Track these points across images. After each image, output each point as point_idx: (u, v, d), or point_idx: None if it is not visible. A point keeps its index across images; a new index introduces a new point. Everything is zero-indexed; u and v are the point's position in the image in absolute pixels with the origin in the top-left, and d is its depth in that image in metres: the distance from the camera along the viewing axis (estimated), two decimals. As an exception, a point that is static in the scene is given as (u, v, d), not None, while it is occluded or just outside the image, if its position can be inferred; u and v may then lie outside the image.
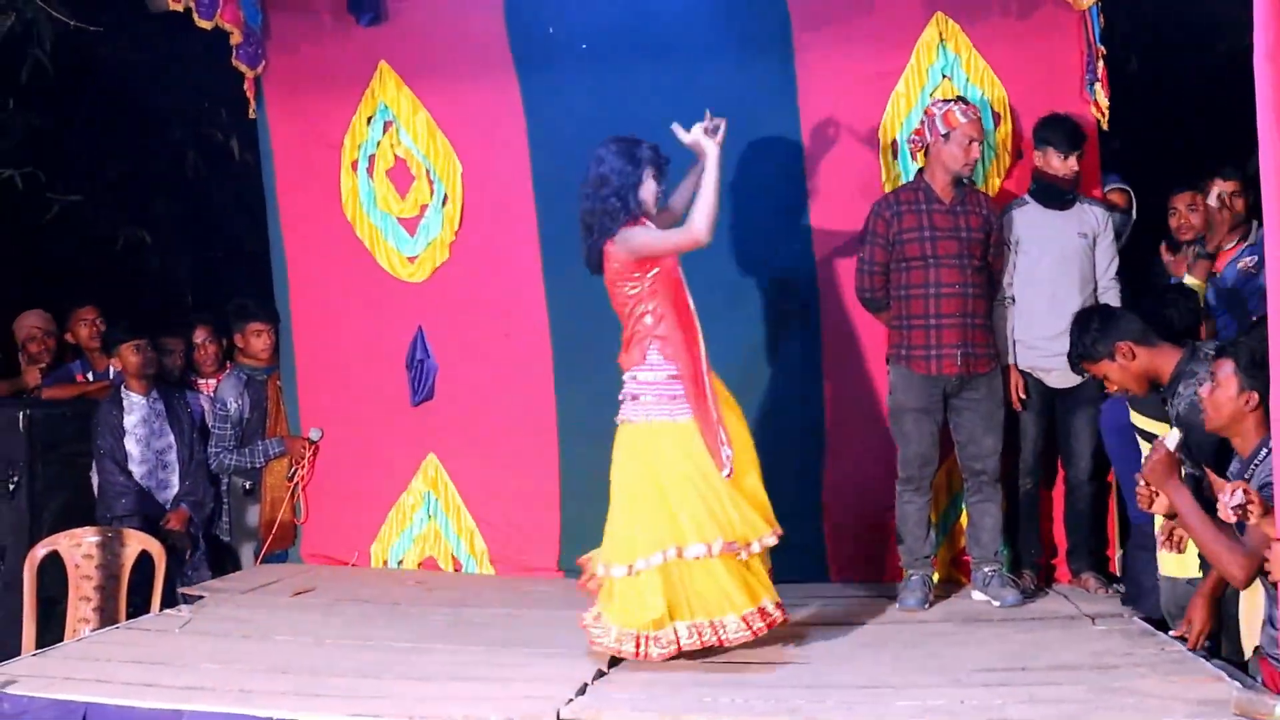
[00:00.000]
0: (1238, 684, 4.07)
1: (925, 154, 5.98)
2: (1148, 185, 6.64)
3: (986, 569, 5.84)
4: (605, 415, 6.58)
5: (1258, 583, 4.16)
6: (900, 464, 5.87)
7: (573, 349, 6.71)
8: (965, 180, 5.94)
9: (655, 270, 4.97)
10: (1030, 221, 6.00)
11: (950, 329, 5.80)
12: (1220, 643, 4.81)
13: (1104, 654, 4.80)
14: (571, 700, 4.27)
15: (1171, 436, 4.40)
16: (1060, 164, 5.95)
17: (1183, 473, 4.43)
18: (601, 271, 5.10)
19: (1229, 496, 3.92)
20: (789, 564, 5.94)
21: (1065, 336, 5.47)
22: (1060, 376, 5.91)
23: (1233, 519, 3.95)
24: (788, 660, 4.84)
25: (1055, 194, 5.99)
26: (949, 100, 5.92)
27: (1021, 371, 6.01)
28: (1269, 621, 4.07)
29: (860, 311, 6.20)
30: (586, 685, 4.48)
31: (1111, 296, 5.92)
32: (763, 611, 4.86)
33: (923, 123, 5.96)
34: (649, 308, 4.97)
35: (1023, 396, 6.00)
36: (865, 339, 6.37)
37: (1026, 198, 6.11)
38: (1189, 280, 5.90)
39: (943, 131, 5.82)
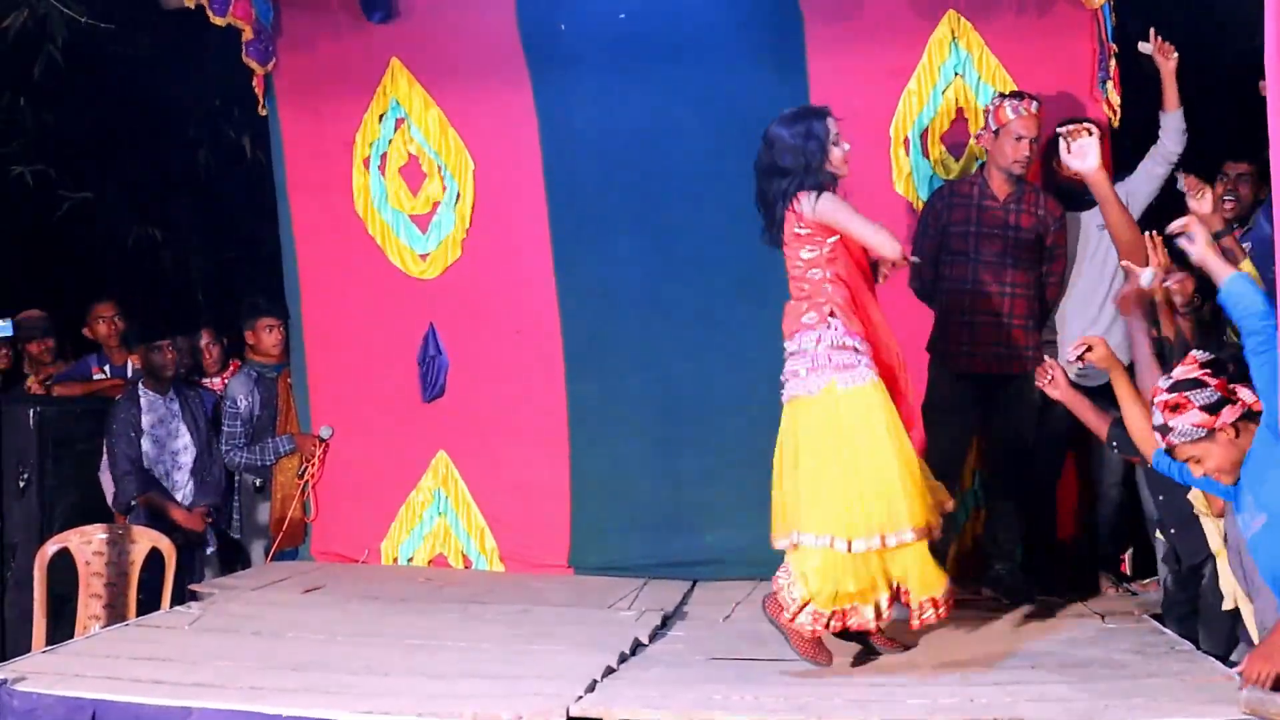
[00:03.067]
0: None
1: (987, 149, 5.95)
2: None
3: (999, 566, 5.82)
4: (616, 412, 6.66)
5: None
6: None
7: (584, 346, 6.72)
8: (1023, 179, 5.89)
9: (835, 238, 4.76)
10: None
11: (986, 328, 5.78)
12: (1198, 638, 4.91)
13: (1115, 652, 4.80)
14: (581, 697, 4.25)
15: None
16: (1068, 171, 5.89)
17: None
18: (781, 239, 4.89)
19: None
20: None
21: (1094, 328, 5.57)
22: (1090, 376, 5.89)
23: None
24: (799, 657, 4.82)
25: (1073, 196, 5.97)
26: (1004, 96, 5.89)
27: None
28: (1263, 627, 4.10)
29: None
30: (596, 682, 4.46)
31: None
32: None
33: (985, 115, 5.95)
34: (827, 274, 4.76)
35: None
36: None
37: None
38: (1245, 267, 5.80)
39: (993, 128, 5.81)
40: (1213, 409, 3.84)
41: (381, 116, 7.03)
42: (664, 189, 6.65)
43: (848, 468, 4.63)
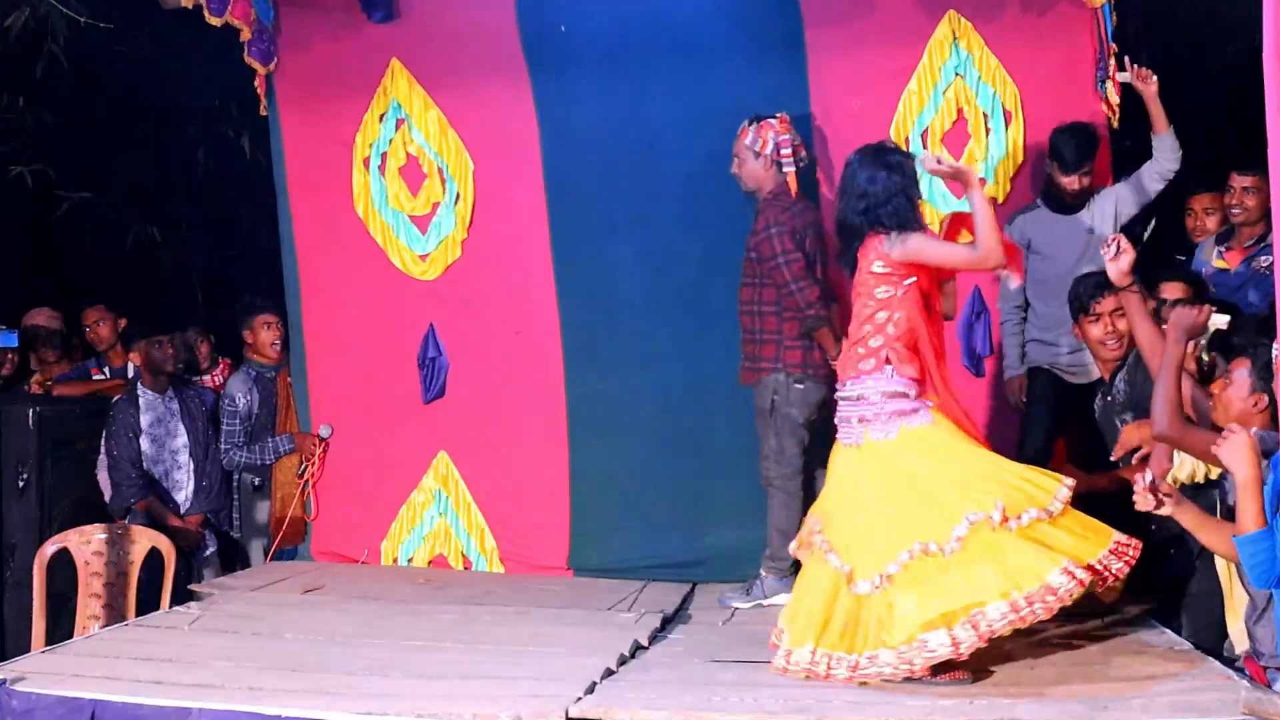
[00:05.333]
0: (1246, 684, 4.05)
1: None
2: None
3: (761, 571, 5.93)
4: (615, 413, 6.66)
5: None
6: None
7: (584, 347, 6.72)
8: (763, 198, 6.05)
9: (913, 279, 4.76)
10: (1041, 225, 6.03)
11: (748, 344, 6.05)
12: (1182, 627, 4.96)
13: (1113, 651, 4.80)
14: (580, 699, 4.25)
15: (1219, 319, 4.48)
16: (1065, 180, 5.99)
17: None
18: (854, 268, 4.88)
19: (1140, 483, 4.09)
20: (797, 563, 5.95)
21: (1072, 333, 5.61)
22: (1078, 372, 5.96)
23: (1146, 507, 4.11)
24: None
25: (1064, 203, 6.05)
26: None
27: (1036, 369, 6.03)
28: (1247, 621, 4.10)
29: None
30: (595, 684, 4.46)
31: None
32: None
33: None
34: (894, 316, 4.75)
35: (1024, 399, 6.08)
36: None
37: (1038, 201, 6.15)
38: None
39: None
40: None
41: (382, 117, 7.03)
42: (664, 189, 6.65)
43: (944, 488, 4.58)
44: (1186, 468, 4.70)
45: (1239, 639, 4.46)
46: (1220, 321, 4.56)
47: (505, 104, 6.79)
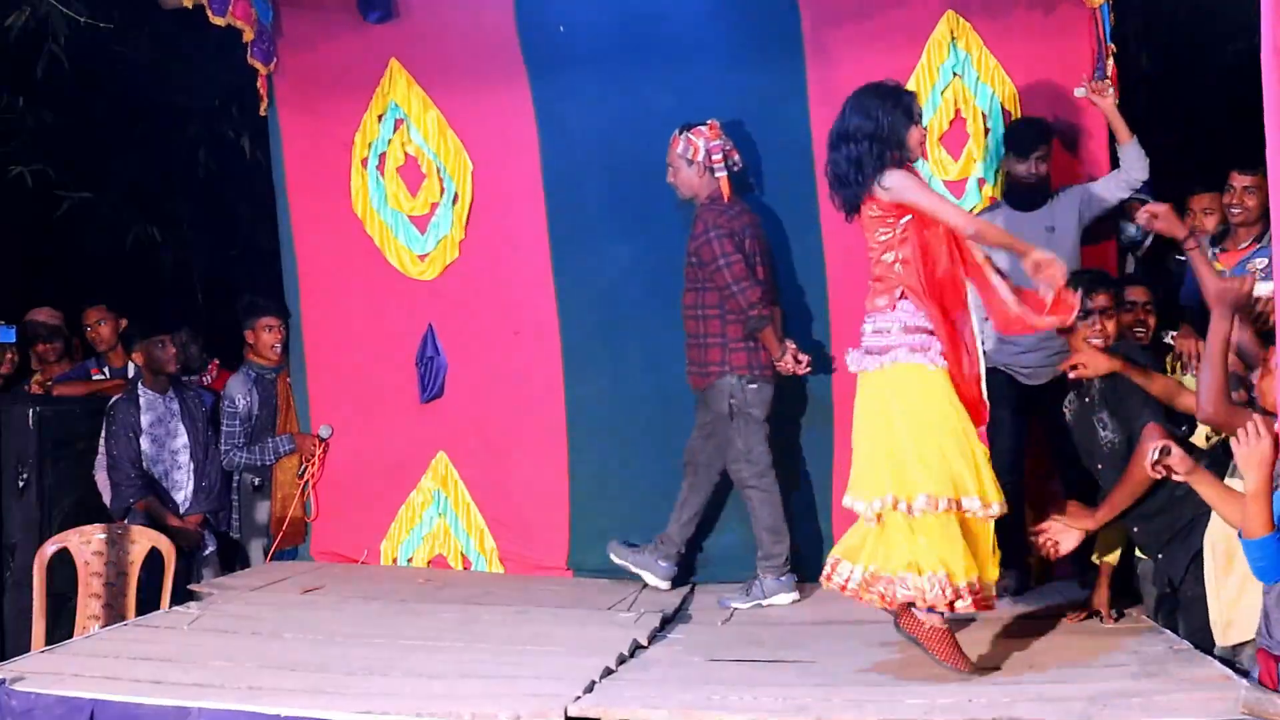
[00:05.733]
0: (1245, 683, 4.06)
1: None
2: (1161, 184, 6.61)
3: (759, 571, 6.02)
4: (615, 413, 6.66)
5: (1236, 570, 4.31)
6: None
7: (583, 347, 6.72)
8: (699, 203, 6.16)
9: (908, 218, 4.71)
10: (1002, 224, 6.01)
11: (693, 348, 6.15)
12: (1179, 625, 4.97)
13: (1112, 652, 4.81)
14: (579, 698, 4.26)
15: (1264, 285, 4.45)
16: (1020, 167, 6.00)
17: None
18: (854, 213, 4.87)
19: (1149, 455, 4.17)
20: (797, 561, 5.97)
21: (1048, 345, 5.70)
22: (1034, 374, 5.98)
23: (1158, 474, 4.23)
24: (797, 659, 4.83)
25: (1024, 197, 6.06)
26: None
27: (993, 369, 6.04)
28: (1265, 614, 4.09)
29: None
30: (595, 683, 4.47)
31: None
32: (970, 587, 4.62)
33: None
34: (900, 255, 4.71)
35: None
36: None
37: (1000, 202, 6.19)
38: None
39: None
40: None
41: (380, 117, 7.03)
42: (663, 190, 6.61)
43: (937, 431, 4.62)
44: (1202, 429, 4.70)
45: (1223, 633, 4.48)
46: (1266, 289, 4.50)
47: (504, 104, 6.79)
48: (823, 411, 6.43)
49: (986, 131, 6.38)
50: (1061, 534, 5.10)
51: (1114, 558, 5.40)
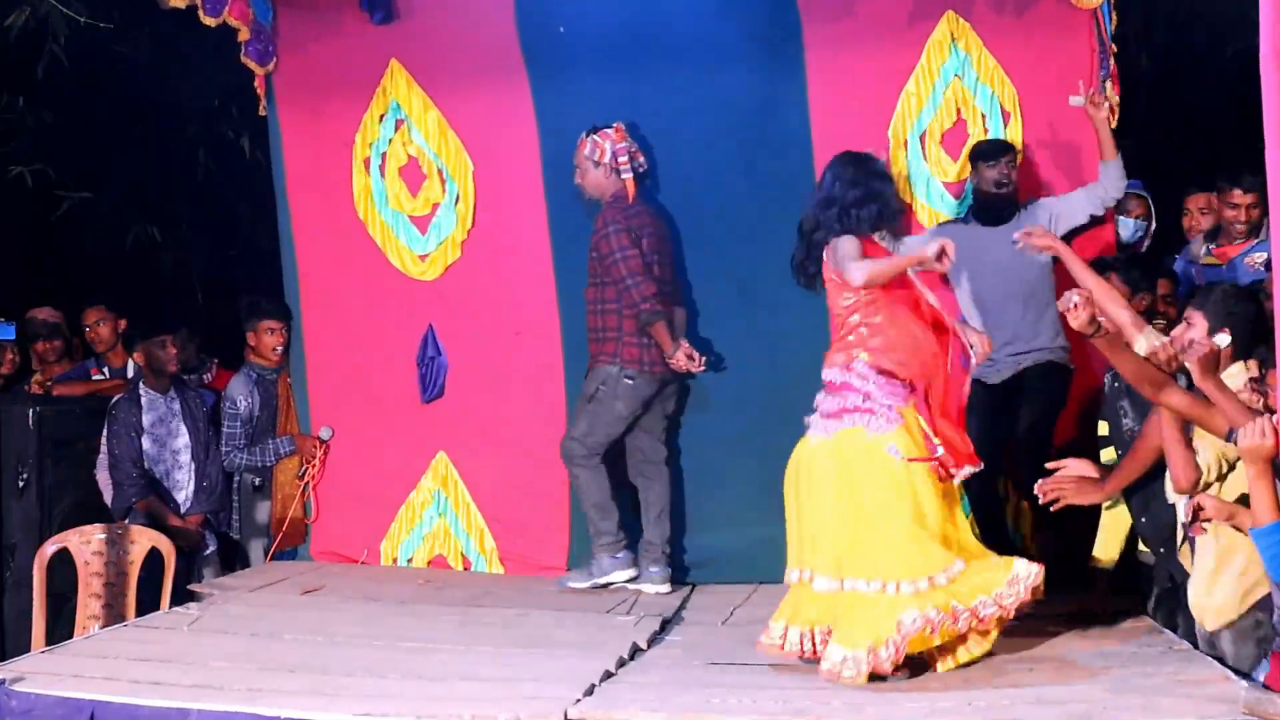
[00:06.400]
0: (1245, 683, 4.06)
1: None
2: (1161, 184, 6.62)
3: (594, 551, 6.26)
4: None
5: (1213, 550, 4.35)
6: None
7: (583, 347, 6.66)
8: (603, 202, 6.33)
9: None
10: (968, 240, 5.98)
11: (594, 342, 6.36)
12: (1175, 625, 4.99)
13: (1112, 653, 4.80)
14: (579, 700, 4.26)
15: (1222, 338, 4.45)
16: (991, 173, 6.04)
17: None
18: (815, 279, 5.00)
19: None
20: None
21: (1010, 345, 5.84)
22: (1002, 371, 6.04)
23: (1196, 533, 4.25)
24: (797, 661, 4.83)
25: (993, 210, 6.09)
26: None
27: None
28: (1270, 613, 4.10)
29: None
30: (594, 686, 4.46)
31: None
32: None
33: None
34: (865, 319, 4.80)
35: None
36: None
37: (969, 217, 6.22)
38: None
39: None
40: None
41: (381, 117, 7.03)
42: (664, 187, 6.66)
43: (889, 510, 4.65)
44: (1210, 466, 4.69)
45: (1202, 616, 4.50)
46: (1225, 340, 4.50)
47: (505, 105, 6.79)
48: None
49: (986, 132, 6.37)
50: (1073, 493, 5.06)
51: (1113, 557, 5.40)
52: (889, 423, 4.69)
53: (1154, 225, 6.50)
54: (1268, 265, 5.47)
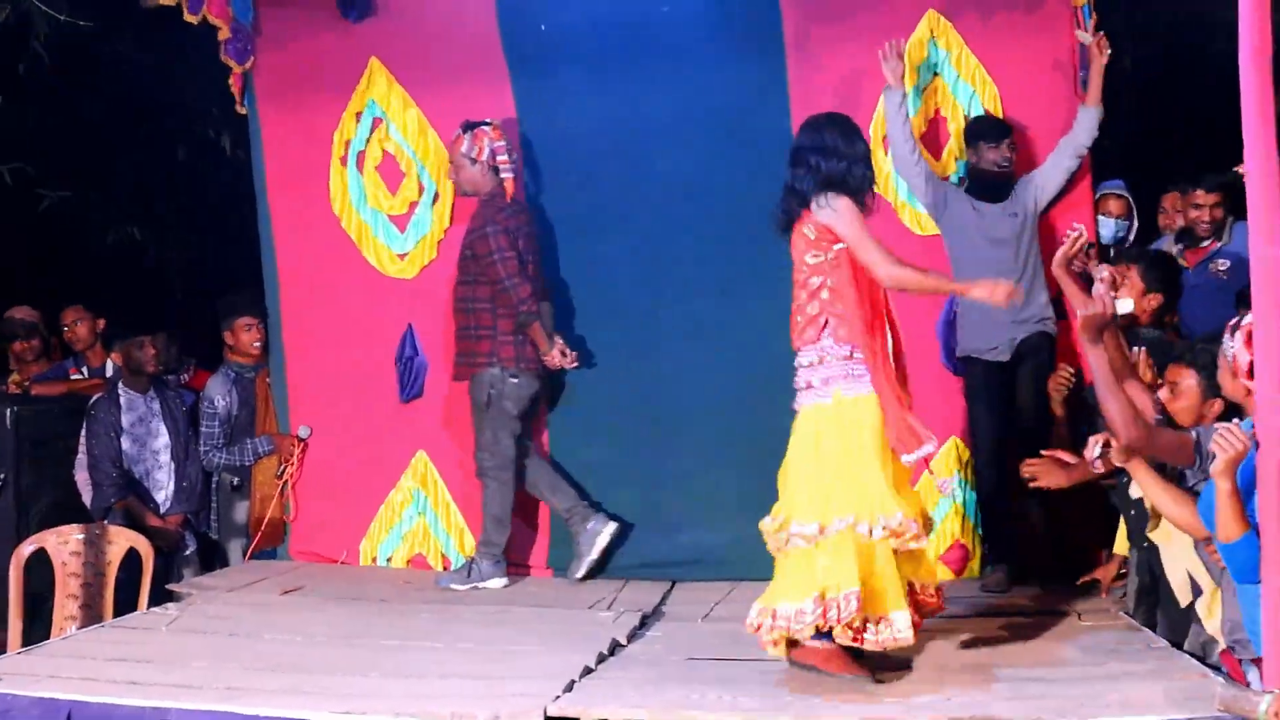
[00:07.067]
0: (1221, 680, 4.08)
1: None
2: (1144, 182, 6.65)
3: (477, 555, 6.40)
4: (595, 413, 6.66)
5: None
6: None
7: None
8: (484, 200, 6.41)
9: (841, 245, 4.70)
10: (965, 213, 6.14)
11: (464, 340, 6.45)
12: (1155, 621, 5.00)
13: (1089, 650, 4.82)
14: (559, 697, 4.26)
15: (1124, 303, 4.46)
16: (993, 154, 6.09)
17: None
18: (789, 232, 4.86)
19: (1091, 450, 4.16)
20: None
21: (1007, 316, 5.77)
22: (1002, 350, 6.08)
23: (1100, 469, 4.22)
24: (776, 657, 4.82)
25: (991, 187, 6.15)
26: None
27: (968, 357, 6.14)
28: (1230, 621, 4.12)
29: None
30: (574, 682, 4.46)
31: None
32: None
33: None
34: (829, 282, 4.72)
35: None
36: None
37: (963, 189, 6.26)
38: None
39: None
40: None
41: (359, 115, 7.01)
42: (645, 189, 6.66)
43: (859, 464, 4.63)
44: None
45: (1215, 634, 4.49)
46: (1126, 305, 4.56)
47: (485, 103, 6.76)
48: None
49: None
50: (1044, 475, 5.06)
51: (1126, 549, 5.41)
52: (859, 383, 4.67)
53: (1135, 225, 6.52)
54: (1229, 271, 5.51)
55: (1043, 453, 5.11)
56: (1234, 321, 4.11)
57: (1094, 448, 4.32)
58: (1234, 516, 3.78)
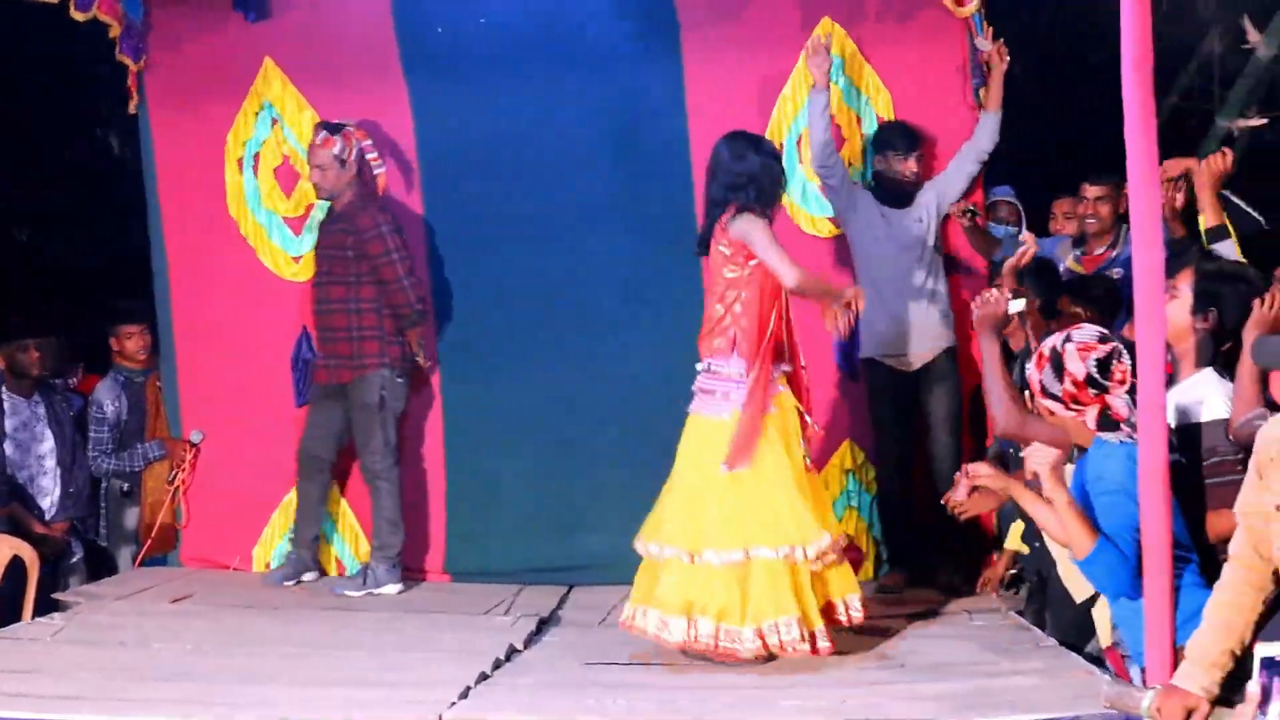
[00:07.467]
0: (1108, 678, 4.16)
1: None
2: (1034, 189, 6.76)
3: (371, 562, 6.36)
4: (492, 418, 6.64)
5: None
6: None
7: (460, 350, 6.69)
8: (355, 201, 6.41)
9: (756, 261, 4.92)
10: (873, 218, 6.23)
11: (322, 342, 6.49)
12: (1044, 621, 5.08)
13: (982, 650, 4.91)
14: (455, 704, 4.25)
15: (1016, 303, 4.61)
16: (901, 165, 6.18)
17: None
18: (707, 249, 5.06)
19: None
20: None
21: (911, 319, 6.04)
22: (914, 359, 6.20)
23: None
24: (673, 661, 4.85)
25: (898, 195, 6.25)
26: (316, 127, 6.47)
27: (871, 360, 6.19)
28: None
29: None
30: (470, 688, 4.45)
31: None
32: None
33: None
34: (743, 296, 4.92)
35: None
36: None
37: (869, 194, 6.33)
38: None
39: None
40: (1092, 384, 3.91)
41: (257, 114, 6.91)
42: (543, 191, 6.65)
43: (749, 487, 4.79)
44: None
45: (1105, 634, 4.57)
46: (1018, 305, 4.68)
47: (381, 105, 6.73)
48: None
49: (861, 136, 6.46)
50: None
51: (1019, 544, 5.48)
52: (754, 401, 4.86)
53: (1024, 231, 6.62)
54: (1124, 280, 5.60)
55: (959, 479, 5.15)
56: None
57: (960, 489, 4.41)
58: (1081, 529, 3.83)
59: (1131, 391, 3.84)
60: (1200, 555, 3.89)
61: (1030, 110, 7.36)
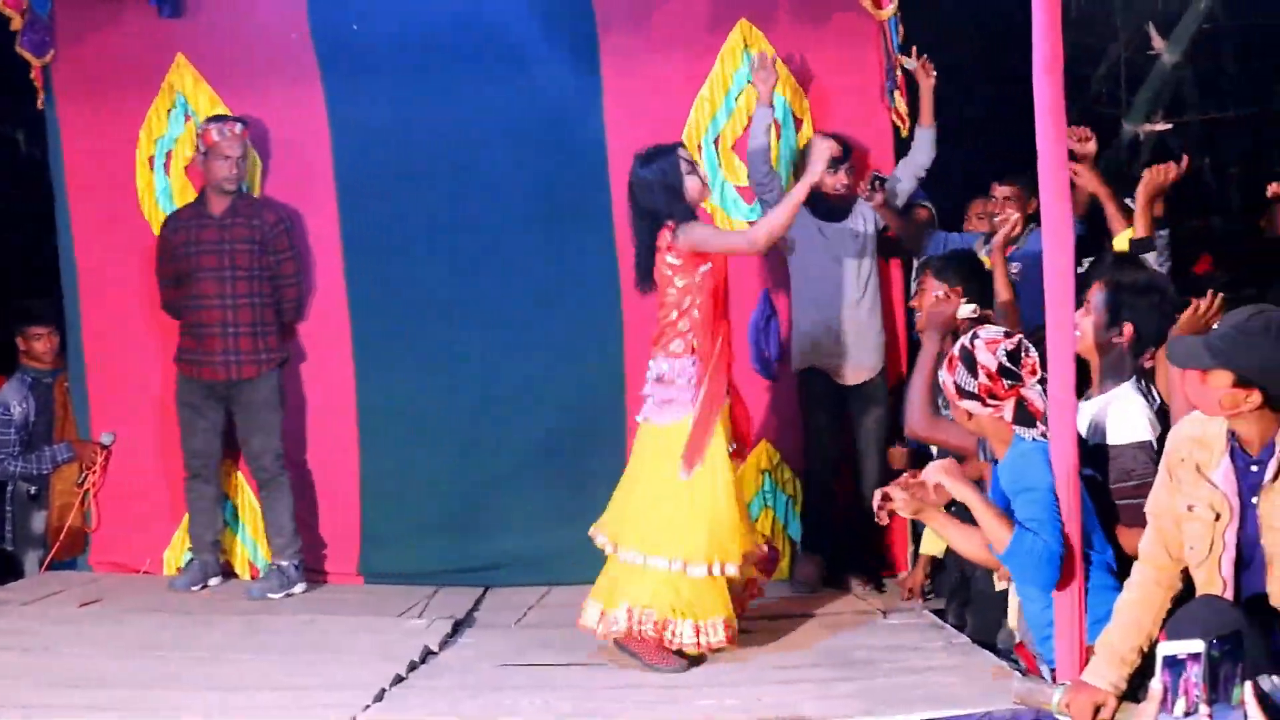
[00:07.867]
0: (1018, 674, 4.22)
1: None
2: (948, 192, 6.83)
3: (281, 562, 6.36)
4: (407, 419, 6.60)
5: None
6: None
7: (374, 349, 6.64)
8: (240, 194, 6.45)
9: (706, 266, 4.97)
10: (810, 231, 6.21)
11: (211, 338, 6.33)
12: (966, 620, 5.16)
13: (896, 647, 4.96)
14: (369, 706, 4.23)
15: (967, 308, 4.70)
16: (829, 180, 6.12)
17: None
18: (650, 278, 5.10)
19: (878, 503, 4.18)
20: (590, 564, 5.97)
21: (847, 330, 6.08)
22: (850, 373, 6.20)
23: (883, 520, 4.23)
24: (588, 661, 4.85)
25: (831, 207, 6.25)
26: (210, 120, 6.44)
27: (810, 369, 6.22)
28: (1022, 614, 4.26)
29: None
30: (385, 691, 4.44)
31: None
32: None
33: (196, 139, 6.52)
34: (697, 300, 4.97)
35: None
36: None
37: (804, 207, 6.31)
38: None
39: (203, 150, 6.39)
40: (1004, 374, 3.96)
41: (169, 112, 6.81)
42: (459, 191, 6.62)
43: (689, 498, 4.84)
44: None
45: (1018, 631, 4.63)
46: (968, 311, 4.75)
47: (296, 103, 6.66)
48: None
49: (778, 136, 6.49)
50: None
51: (938, 549, 5.53)
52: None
53: (937, 230, 6.69)
54: (1020, 273, 5.68)
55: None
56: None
57: (877, 500, 4.44)
58: (998, 524, 3.88)
59: (1044, 383, 3.90)
60: (1115, 558, 3.98)
61: (947, 112, 7.45)
